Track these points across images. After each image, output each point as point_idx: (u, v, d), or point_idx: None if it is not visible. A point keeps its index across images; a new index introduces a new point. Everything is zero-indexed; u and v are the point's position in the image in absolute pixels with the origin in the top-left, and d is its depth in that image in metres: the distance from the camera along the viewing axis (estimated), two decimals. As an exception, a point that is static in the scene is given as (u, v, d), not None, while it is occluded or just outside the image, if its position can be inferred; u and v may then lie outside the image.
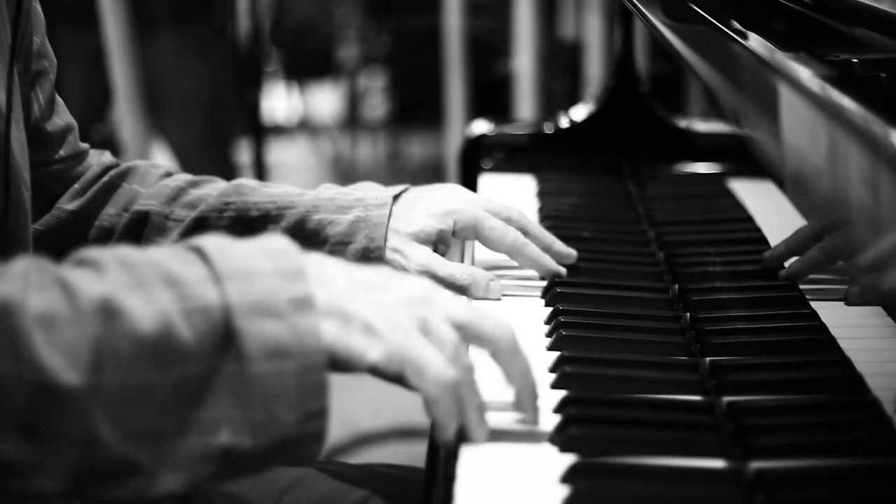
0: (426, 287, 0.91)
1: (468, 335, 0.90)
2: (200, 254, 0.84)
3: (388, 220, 1.28)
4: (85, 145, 1.37)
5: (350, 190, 1.33)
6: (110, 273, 0.81)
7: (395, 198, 1.31)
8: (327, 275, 0.88)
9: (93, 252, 0.84)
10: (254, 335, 0.81)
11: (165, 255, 0.84)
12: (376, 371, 0.86)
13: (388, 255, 1.28)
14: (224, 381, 0.81)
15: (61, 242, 1.30)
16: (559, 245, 1.33)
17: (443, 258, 1.29)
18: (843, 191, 0.76)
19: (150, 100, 3.53)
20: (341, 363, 0.85)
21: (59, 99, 1.32)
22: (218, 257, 0.84)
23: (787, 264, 1.30)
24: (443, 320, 0.89)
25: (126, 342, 0.78)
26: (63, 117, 1.32)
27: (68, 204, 1.33)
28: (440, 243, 1.30)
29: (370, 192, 1.32)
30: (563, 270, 1.31)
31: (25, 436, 0.76)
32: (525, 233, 1.31)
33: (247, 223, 1.30)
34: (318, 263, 0.88)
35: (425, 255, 1.27)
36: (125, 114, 3.47)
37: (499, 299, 1.27)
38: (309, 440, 0.84)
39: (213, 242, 0.86)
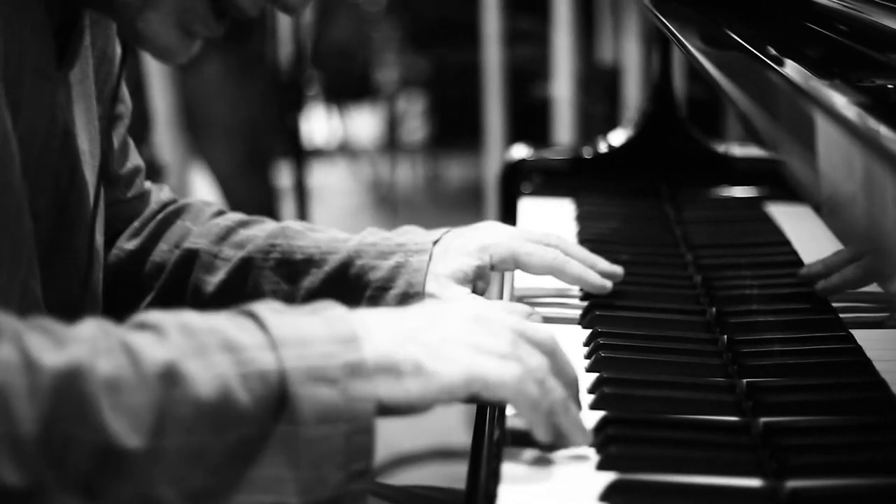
0: (473, 315, 0.95)
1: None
2: (256, 320, 0.87)
3: (428, 265, 1.30)
4: (148, 184, 1.40)
5: (392, 235, 1.35)
6: (172, 338, 0.84)
7: (435, 242, 1.33)
8: (371, 330, 0.90)
9: (154, 316, 0.86)
10: (308, 400, 0.84)
11: (224, 321, 0.87)
12: (442, 402, 0.90)
13: (426, 300, 1.28)
14: (276, 443, 0.84)
15: (118, 277, 1.33)
16: (603, 263, 1.34)
17: (480, 298, 1.29)
18: (879, 219, 0.77)
19: (190, 124, 3.56)
20: (403, 410, 0.89)
21: (129, 141, 1.35)
22: (273, 324, 0.87)
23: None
24: (495, 340, 0.93)
25: (187, 406, 0.81)
26: (133, 160, 1.35)
27: (127, 243, 1.36)
28: (479, 280, 1.31)
29: (411, 238, 1.33)
30: (608, 284, 1.32)
31: (87, 495, 0.79)
32: (566, 254, 1.32)
33: (291, 265, 1.33)
34: (362, 321, 0.91)
35: (458, 298, 1.28)
36: (165, 138, 3.50)
37: None
38: (351, 499, 0.87)
39: (269, 309, 0.89)
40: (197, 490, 0.82)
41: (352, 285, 1.30)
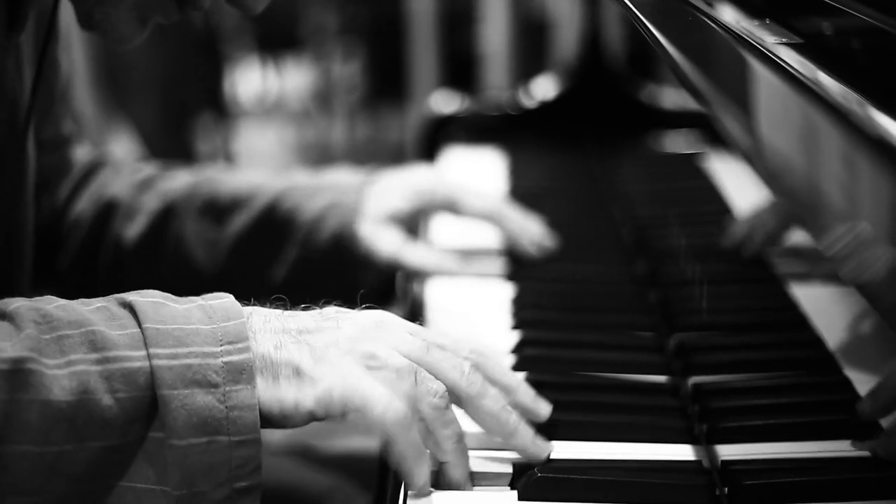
0: (373, 320, 0.84)
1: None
2: (132, 311, 0.78)
3: (361, 204, 1.26)
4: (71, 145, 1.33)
5: (323, 175, 1.32)
6: (26, 331, 0.75)
7: (369, 181, 1.29)
8: (255, 329, 0.80)
9: (14, 303, 0.78)
10: (180, 406, 0.75)
11: (92, 312, 0.78)
12: (318, 417, 0.79)
13: (359, 242, 1.25)
14: (145, 451, 0.75)
15: (36, 236, 1.25)
16: (535, 227, 1.30)
17: (411, 244, 1.26)
18: (816, 172, 0.73)
19: (111, 79, 3.52)
20: (276, 420, 0.79)
21: (62, 104, 1.27)
22: (149, 316, 0.78)
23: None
24: (391, 351, 0.82)
25: (37, 410, 0.72)
26: (64, 125, 1.28)
27: (45, 200, 1.28)
28: (412, 222, 1.28)
29: (343, 177, 1.30)
30: (533, 252, 1.27)
31: None
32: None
33: (217, 209, 1.28)
34: (247, 319, 0.81)
35: (393, 243, 1.24)
36: (83, 94, 3.45)
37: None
38: None
39: (148, 298, 0.80)
40: (54, 503, 0.74)
41: (281, 227, 1.26)
